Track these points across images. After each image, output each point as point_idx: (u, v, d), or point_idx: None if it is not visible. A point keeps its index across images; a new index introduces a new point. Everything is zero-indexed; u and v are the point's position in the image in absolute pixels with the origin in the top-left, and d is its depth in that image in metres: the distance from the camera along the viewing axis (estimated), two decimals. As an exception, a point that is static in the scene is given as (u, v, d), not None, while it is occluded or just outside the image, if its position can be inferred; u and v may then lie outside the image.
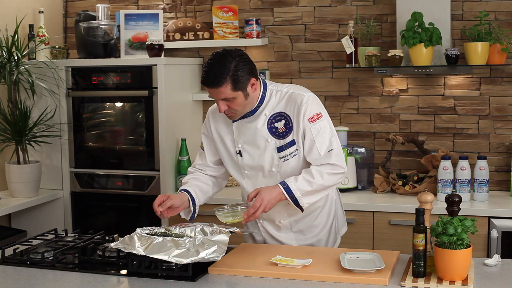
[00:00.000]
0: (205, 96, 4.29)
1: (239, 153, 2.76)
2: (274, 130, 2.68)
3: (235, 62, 2.54)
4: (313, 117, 2.63)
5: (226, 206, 2.64)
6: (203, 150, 2.88)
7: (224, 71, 2.52)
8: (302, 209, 2.61)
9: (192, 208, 2.76)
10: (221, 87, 2.54)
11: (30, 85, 3.99)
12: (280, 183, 2.58)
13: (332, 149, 2.63)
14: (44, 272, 2.46)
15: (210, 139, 2.85)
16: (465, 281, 2.21)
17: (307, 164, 2.68)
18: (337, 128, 3.95)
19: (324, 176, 2.59)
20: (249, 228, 2.93)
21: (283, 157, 2.68)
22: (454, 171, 3.68)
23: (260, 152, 2.71)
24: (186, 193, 2.76)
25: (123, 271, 2.45)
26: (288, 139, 2.67)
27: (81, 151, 4.21)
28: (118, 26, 4.28)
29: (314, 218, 2.81)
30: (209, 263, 2.42)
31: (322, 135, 2.63)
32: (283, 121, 2.67)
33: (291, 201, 2.58)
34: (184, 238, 2.44)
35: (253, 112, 2.69)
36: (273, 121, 2.68)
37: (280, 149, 2.68)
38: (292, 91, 2.68)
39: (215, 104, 2.80)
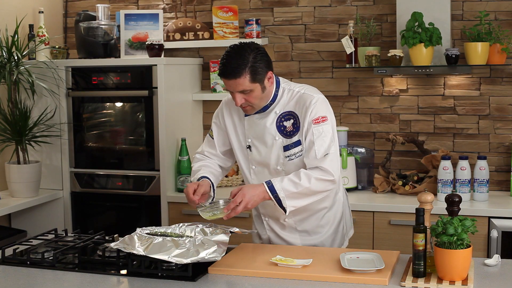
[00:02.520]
0: (205, 96, 4.29)
1: (249, 147, 2.76)
2: (282, 128, 2.68)
3: (253, 54, 2.55)
4: (318, 119, 2.62)
5: (207, 203, 2.63)
6: (213, 138, 2.88)
7: (243, 62, 2.53)
8: (285, 210, 2.58)
9: (212, 194, 2.76)
10: (239, 78, 2.54)
11: (30, 85, 3.99)
12: (266, 182, 2.57)
13: (328, 154, 2.61)
14: (44, 272, 2.46)
15: (221, 129, 2.86)
16: (465, 281, 2.21)
17: None
18: (337, 128, 3.94)
19: (311, 180, 2.56)
20: (253, 228, 2.94)
21: (288, 156, 2.68)
22: (454, 171, 3.68)
23: (267, 149, 2.71)
24: (208, 180, 2.75)
25: (123, 271, 2.45)
26: (295, 138, 2.67)
27: (81, 151, 4.21)
28: (118, 26, 4.29)
29: (320, 219, 2.79)
30: (209, 263, 2.42)
31: (323, 139, 2.61)
32: (291, 121, 2.67)
33: (274, 201, 2.56)
34: (184, 238, 2.44)
35: (264, 109, 2.69)
36: (282, 119, 2.68)
37: (286, 148, 2.68)
38: (303, 92, 2.69)
39: (231, 95, 2.80)
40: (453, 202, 2.29)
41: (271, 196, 2.55)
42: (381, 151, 4.11)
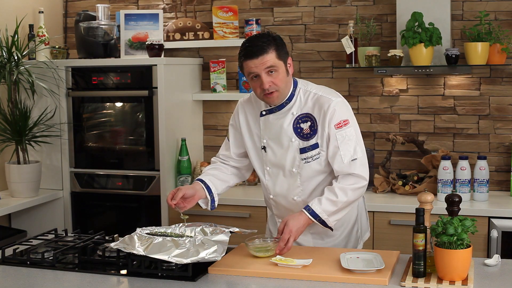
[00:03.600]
0: (205, 96, 4.29)
1: (264, 148, 2.75)
2: (299, 130, 2.67)
3: (276, 35, 2.63)
4: (340, 123, 2.61)
5: (257, 240, 2.62)
6: (229, 140, 2.89)
7: (268, 39, 2.58)
8: (331, 229, 2.63)
9: (209, 197, 2.75)
10: (267, 54, 2.55)
11: (30, 85, 3.99)
12: (305, 208, 2.58)
13: (356, 159, 2.61)
14: (44, 272, 2.46)
15: (236, 131, 2.86)
16: (465, 281, 2.21)
17: (328, 168, 2.67)
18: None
19: (348, 193, 2.58)
20: (266, 229, 2.94)
21: (304, 158, 2.67)
22: (454, 171, 3.68)
23: (283, 150, 2.70)
24: (200, 182, 2.76)
25: (123, 271, 2.45)
26: (312, 141, 2.65)
27: (81, 151, 4.21)
28: (118, 26, 4.29)
29: None
30: (209, 263, 2.42)
31: (347, 143, 2.61)
32: (308, 123, 2.65)
33: (319, 224, 2.59)
34: (184, 238, 2.44)
35: (280, 107, 2.68)
36: (299, 121, 2.67)
37: (302, 151, 2.66)
38: (321, 94, 2.67)
39: (246, 96, 2.83)
40: (453, 202, 2.29)
41: (315, 221, 2.57)
42: (381, 151, 4.11)
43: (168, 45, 4.29)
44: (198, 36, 4.30)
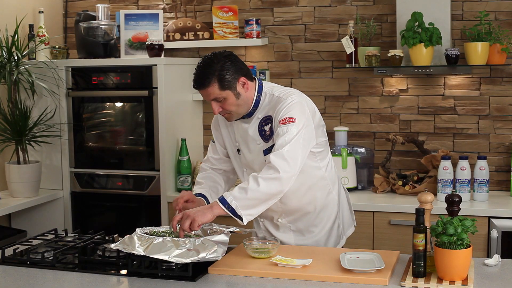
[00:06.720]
0: (205, 96, 4.29)
1: (238, 151, 2.78)
2: (263, 133, 2.68)
3: (221, 62, 2.57)
4: (285, 119, 2.54)
5: (255, 241, 2.61)
6: (214, 142, 2.90)
7: (210, 72, 2.55)
8: (242, 219, 2.44)
9: None
10: (208, 88, 2.57)
11: (30, 85, 3.99)
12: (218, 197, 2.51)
13: (281, 151, 2.48)
14: (44, 272, 2.46)
15: (218, 133, 2.87)
16: (465, 281, 2.21)
17: None
18: (337, 128, 3.96)
19: (259, 181, 2.44)
20: (251, 227, 2.94)
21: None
22: (454, 171, 3.68)
23: (252, 153, 2.72)
24: (204, 199, 2.77)
25: (123, 271, 2.45)
26: (271, 142, 2.63)
27: (81, 151, 4.21)
28: (118, 26, 4.29)
29: (313, 219, 2.80)
30: (209, 263, 2.43)
31: (284, 138, 2.51)
32: (269, 125, 2.66)
33: (228, 211, 2.43)
34: (184, 238, 2.44)
35: (249, 115, 2.69)
36: (263, 124, 2.68)
37: (265, 152, 2.66)
38: (282, 95, 2.64)
39: None
40: (453, 202, 2.29)
41: (223, 207, 2.43)
42: (381, 151, 4.11)
43: (168, 45, 4.29)
44: (198, 36, 4.30)
